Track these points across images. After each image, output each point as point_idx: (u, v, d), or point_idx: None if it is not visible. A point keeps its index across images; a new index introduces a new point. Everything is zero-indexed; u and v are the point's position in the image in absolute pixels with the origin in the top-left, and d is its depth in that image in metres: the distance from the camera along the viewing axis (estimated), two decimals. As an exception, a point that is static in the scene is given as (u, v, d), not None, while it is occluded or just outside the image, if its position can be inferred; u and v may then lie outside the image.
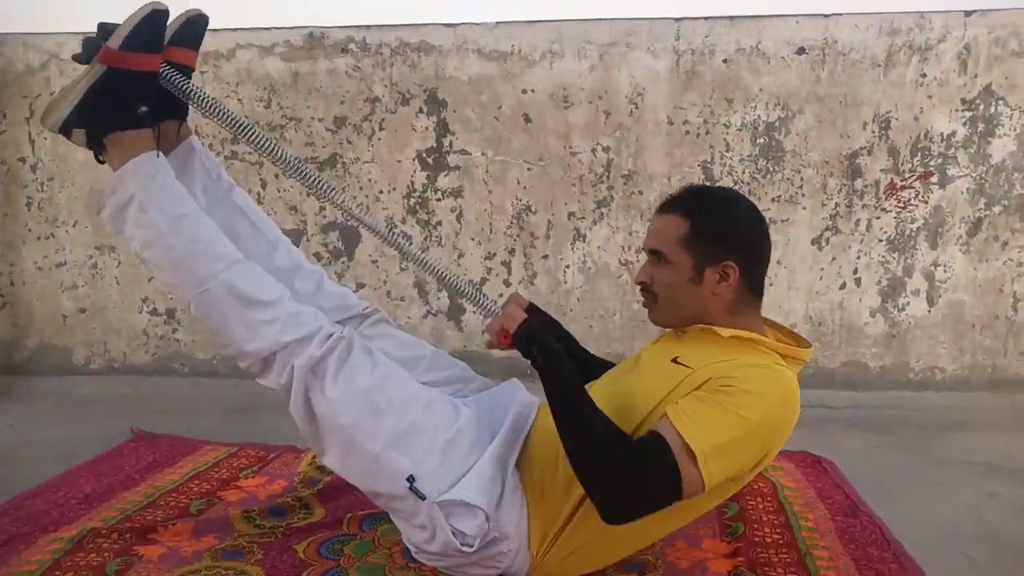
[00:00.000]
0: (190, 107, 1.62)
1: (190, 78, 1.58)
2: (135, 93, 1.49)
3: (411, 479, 1.35)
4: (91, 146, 1.54)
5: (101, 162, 1.57)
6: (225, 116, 1.57)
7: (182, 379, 3.13)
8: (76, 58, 1.52)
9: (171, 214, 1.46)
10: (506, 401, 1.53)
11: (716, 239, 1.35)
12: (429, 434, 1.40)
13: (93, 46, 1.49)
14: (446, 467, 1.37)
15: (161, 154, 1.53)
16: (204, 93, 1.57)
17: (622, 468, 1.20)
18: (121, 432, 2.38)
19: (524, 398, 1.54)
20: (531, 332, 1.40)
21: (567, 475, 1.34)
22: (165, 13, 1.48)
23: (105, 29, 1.48)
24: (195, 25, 1.60)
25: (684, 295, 1.37)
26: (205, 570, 1.53)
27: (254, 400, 2.85)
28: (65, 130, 1.53)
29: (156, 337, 3.16)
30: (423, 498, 1.35)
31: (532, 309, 1.62)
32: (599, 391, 1.42)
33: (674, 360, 1.35)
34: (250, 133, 1.57)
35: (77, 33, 2.98)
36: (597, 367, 1.64)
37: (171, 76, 1.54)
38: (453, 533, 1.33)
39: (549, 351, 1.36)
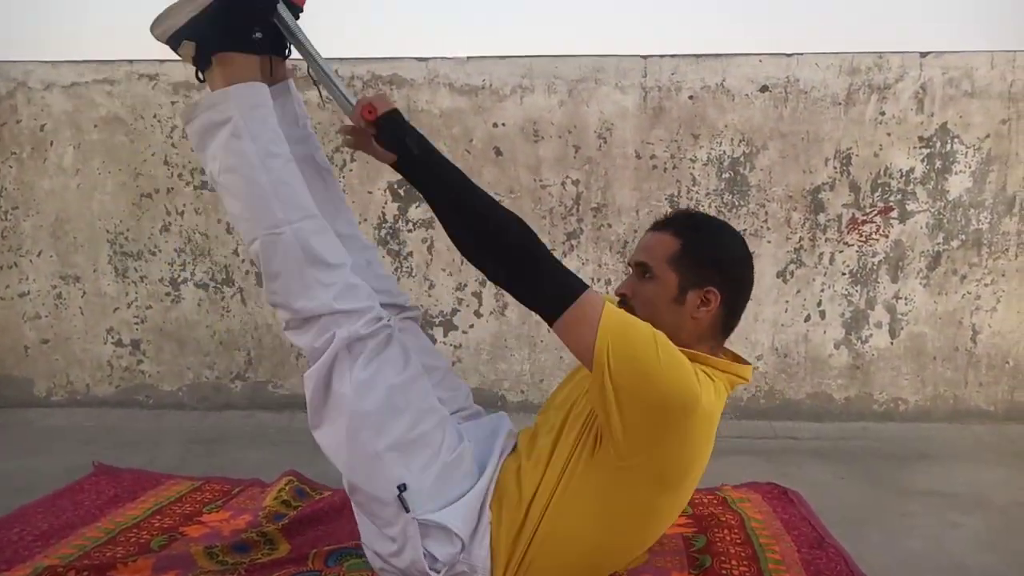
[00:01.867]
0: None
1: (297, 19, 1.58)
2: (255, 15, 1.48)
3: (402, 488, 1.32)
4: (196, 62, 1.50)
5: (201, 80, 1.52)
6: (321, 68, 1.55)
7: (146, 411, 3.08)
8: None
9: (265, 149, 1.43)
10: (493, 435, 1.52)
11: (705, 263, 1.36)
12: (433, 450, 1.37)
13: None
14: (439, 488, 1.35)
15: (268, 90, 1.50)
16: (309, 41, 1.56)
17: (531, 247, 1.26)
18: (83, 466, 2.33)
19: (506, 430, 1.53)
20: (402, 122, 1.39)
21: (526, 505, 1.35)
22: None
23: None
24: None
25: (663, 313, 1.36)
26: (165, 608, 1.50)
27: (219, 433, 2.82)
28: (174, 40, 1.49)
29: (120, 368, 3.11)
30: (407, 511, 1.32)
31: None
32: (552, 416, 1.44)
33: None
34: (339, 92, 1.55)
35: (45, 61, 2.98)
36: None
37: (285, 13, 1.53)
38: (424, 554, 1.31)
39: (425, 141, 1.37)
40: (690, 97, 2.88)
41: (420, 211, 2.98)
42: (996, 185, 2.87)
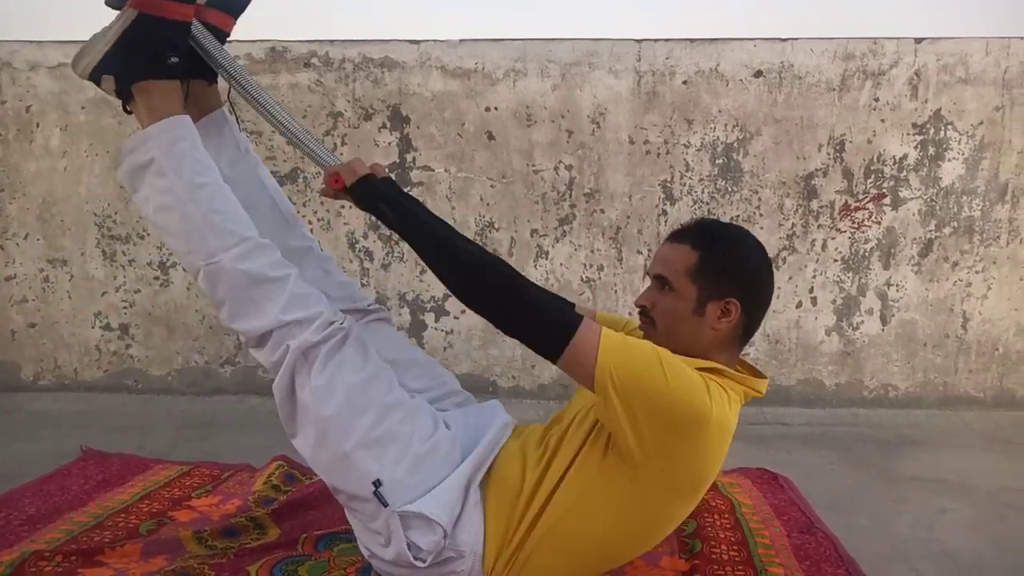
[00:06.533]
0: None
1: (223, 42, 1.57)
2: (166, 41, 1.47)
3: (377, 483, 1.33)
4: (119, 94, 1.51)
5: (128, 112, 1.53)
6: (248, 87, 1.54)
7: (135, 396, 3.06)
8: (108, 3, 1.49)
9: (191, 182, 1.43)
10: (485, 422, 1.51)
11: (724, 275, 1.35)
12: (403, 443, 1.37)
13: None
14: (414, 479, 1.35)
15: (189, 119, 1.50)
16: (231, 58, 1.54)
17: (515, 293, 1.25)
18: (70, 450, 2.32)
19: (502, 419, 1.53)
20: (373, 188, 1.40)
21: (527, 495, 1.34)
22: None
23: None
24: None
25: (684, 325, 1.36)
26: (153, 593, 1.49)
27: (209, 418, 2.81)
28: (95, 76, 1.50)
29: (108, 353, 3.09)
30: (385, 505, 1.33)
31: (389, 181, 1.53)
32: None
33: None
34: (272, 111, 1.55)
35: (30, 41, 2.94)
36: None
37: (202, 34, 1.52)
38: (408, 545, 1.32)
39: (400, 204, 1.38)
40: (684, 82, 2.87)
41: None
42: (989, 172, 2.87)
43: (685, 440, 1.26)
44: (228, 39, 1.61)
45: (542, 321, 1.26)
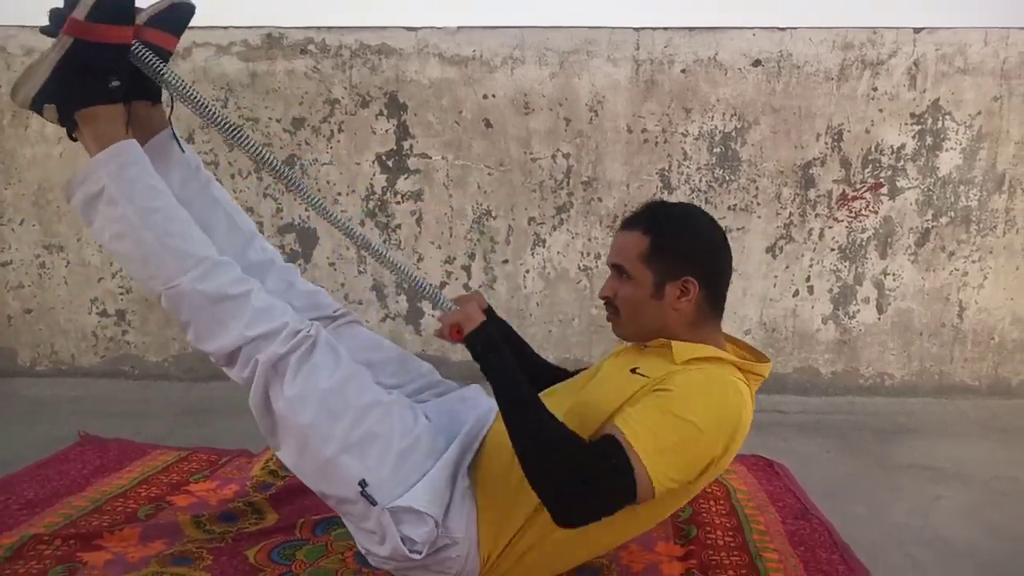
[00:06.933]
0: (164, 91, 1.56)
1: (166, 61, 1.54)
2: (105, 66, 1.44)
3: (363, 484, 1.34)
4: (63, 122, 1.49)
5: (74, 139, 1.51)
6: (197, 101, 1.52)
7: (132, 382, 3.06)
8: (43, 30, 1.46)
9: (143, 207, 1.42)
10: (466, 407, 1.52)
11: (676, 255, 1.37)
12: (384, 441, 1.38)
13: (59, 17, 1.43)
14: (399, 474, 1.36)
15: (136, 143, 1.49)
16: (176, 76, 1.52)
17: (576, 472, 1.19)
18: (68, 436, 2.32)
19: (484, 404, 1.53)
20: (487, 338, 1.39)
21: (519, 480, 1.34)
22: None
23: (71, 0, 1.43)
24: (179, 10, 1.56)
25: (646, 310, 1.38)
26: (152, 576, 1.50)
27: (206, 403, 2.81)
28: (36, 106, 1.47)
29: (105, 339, 3.09)
30: (374, 504, 1.34)
31: (489, 313, 1.61)
32: (558, 399, 1.42)
33: (633, 371, 1.36)
34: (221, 121, 1.53)
35: (25, 26, 2.92)
36: (551, 375, 1.65)
37: (143, 54, 1.49)
38: (402, 540, 1.33)
39: (502, 359, 1.36)
40: (682, 71, 2.86)
41: (409, 183, 2.95)
42: (986, 162, 2.88)
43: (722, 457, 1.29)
44: (220, 32, 1.59)
45: (609, 492, 1.20)
